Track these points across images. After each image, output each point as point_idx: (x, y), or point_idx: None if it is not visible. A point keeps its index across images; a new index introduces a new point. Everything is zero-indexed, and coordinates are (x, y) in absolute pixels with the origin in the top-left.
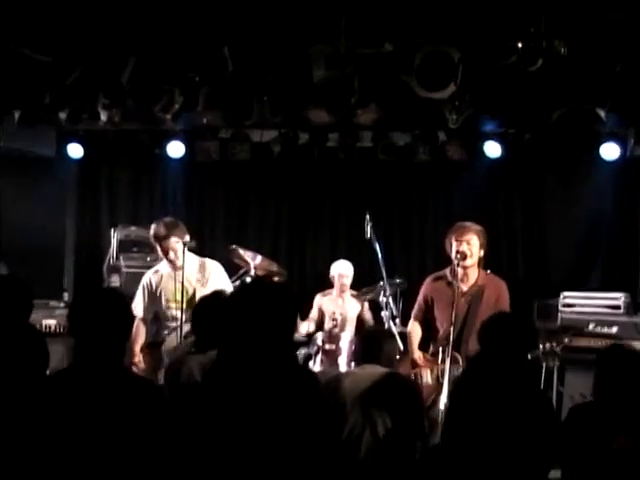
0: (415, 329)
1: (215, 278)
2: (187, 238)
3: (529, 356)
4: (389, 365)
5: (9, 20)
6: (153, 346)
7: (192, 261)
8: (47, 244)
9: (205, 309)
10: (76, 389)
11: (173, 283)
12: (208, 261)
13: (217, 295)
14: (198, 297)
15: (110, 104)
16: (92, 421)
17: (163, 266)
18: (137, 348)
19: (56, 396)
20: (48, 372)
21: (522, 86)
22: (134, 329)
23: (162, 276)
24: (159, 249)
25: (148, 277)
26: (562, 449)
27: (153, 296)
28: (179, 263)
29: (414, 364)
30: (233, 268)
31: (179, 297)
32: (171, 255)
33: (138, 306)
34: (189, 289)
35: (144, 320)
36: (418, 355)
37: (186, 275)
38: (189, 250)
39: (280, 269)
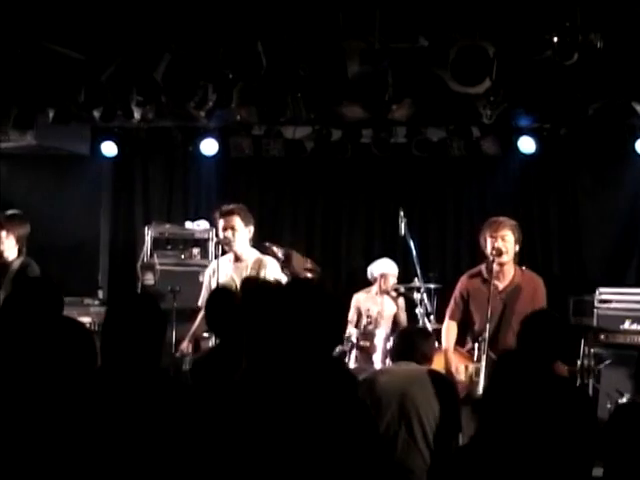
0: (451, 328)
1: (269, 276)
2: (251, 229)
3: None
4: (425, 364)
5: (43, 18)
6: (200, 339)
7: (251, 255)
8: (82, 242)
9: (217, 305)
10: (107, 390)
11: (229, 276)
12: (266, 258)
13: (227, 291)
14: None
15: (144, 101)
16: (119, 422)
17: (225, 258)
18: (188, 337)
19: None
20: None
21: (557, 80)
22: (197, 320)
23: (219, 268)
24: (220, 227)
25: (209, 268)
26: (605, 447)
27: (210, 288)
28: (235, 246)
29: (447, 361)
30: None
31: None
32: (229, 233)
33: (202, 298)
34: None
35: None
36: (453, 350)
37: (242, 269)
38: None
39: (314, 265)
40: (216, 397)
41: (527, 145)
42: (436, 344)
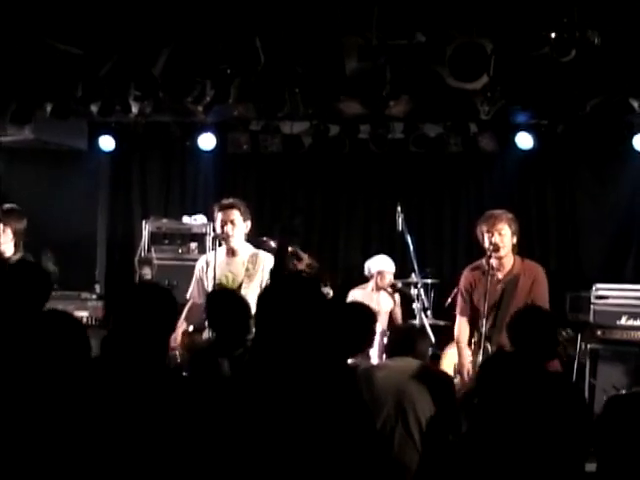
0: (462, 324)
1: (265, 271)
2: (248, 224)
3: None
4: (421, 360)
5: (41, 13)
6: (193, 333)
7: (246, 250)
8: (79, 236)
9: (219, 305)
10: (111, 381)
11: (222, 270)
12: (261, 253)
13: (230, 292)
14: (243, 291)
15: (142, 96)
16: (121, 414)
17: (218, 252)
18: (179, 332)
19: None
20: None
21: (555, 77)
22: (184, 312)
23: (213, 261)
24: (218, 221)
25: (201, 261)
26: (599, 441)
27: (201, 281)
28: (232, 242)
29: (459, 353)
30: None
31: (227, 284)
32: (228, 227)
33: (190, 290)
34: (237, 278)
35: (195, 305)
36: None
37: (236, 263)
38: (246, 241)
39: (312, 261)
40: (215, 390)
41: (524, 141)
42: (433, 340)
